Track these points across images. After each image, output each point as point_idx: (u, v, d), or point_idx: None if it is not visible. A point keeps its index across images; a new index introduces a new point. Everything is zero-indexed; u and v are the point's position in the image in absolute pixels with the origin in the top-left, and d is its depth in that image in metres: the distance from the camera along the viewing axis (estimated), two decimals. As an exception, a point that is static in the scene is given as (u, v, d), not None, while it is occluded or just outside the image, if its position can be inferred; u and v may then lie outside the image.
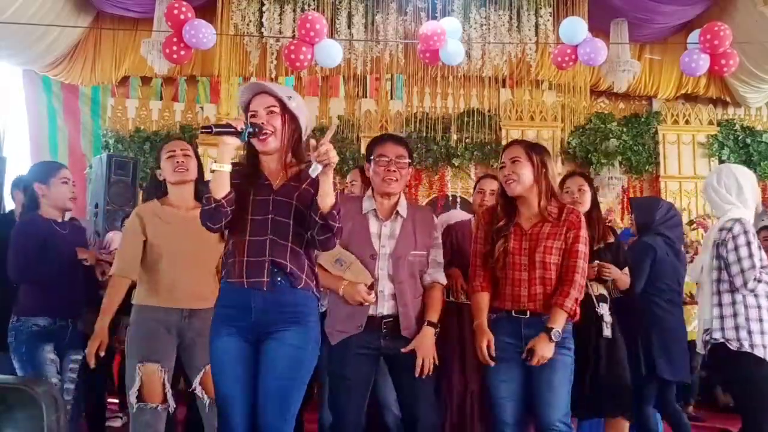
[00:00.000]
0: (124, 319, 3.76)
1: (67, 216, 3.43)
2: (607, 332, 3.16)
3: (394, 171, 2.62)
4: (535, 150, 2.69)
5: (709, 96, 8.77)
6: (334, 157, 2.07)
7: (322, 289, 2.46)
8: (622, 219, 7.67)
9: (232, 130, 2.12)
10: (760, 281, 2.76)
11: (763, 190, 8.58)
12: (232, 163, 2.19)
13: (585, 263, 2.63)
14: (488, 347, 2.57)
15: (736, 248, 2.80)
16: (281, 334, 2.19)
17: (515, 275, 2.61)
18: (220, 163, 2.13)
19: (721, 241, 2.86)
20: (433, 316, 2.63)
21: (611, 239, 3.42)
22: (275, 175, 2.29)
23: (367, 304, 2.56)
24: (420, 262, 2.68)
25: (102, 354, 2.77)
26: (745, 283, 2.77)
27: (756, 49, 7.14)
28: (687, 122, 8.53)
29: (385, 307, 2.60)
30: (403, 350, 2.56)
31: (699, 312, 2.98)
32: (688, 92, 8.69)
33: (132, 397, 2.69)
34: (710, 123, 8.55)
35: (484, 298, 2.67)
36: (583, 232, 2.64)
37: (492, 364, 2.57)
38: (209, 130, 2.14)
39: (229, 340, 2.21)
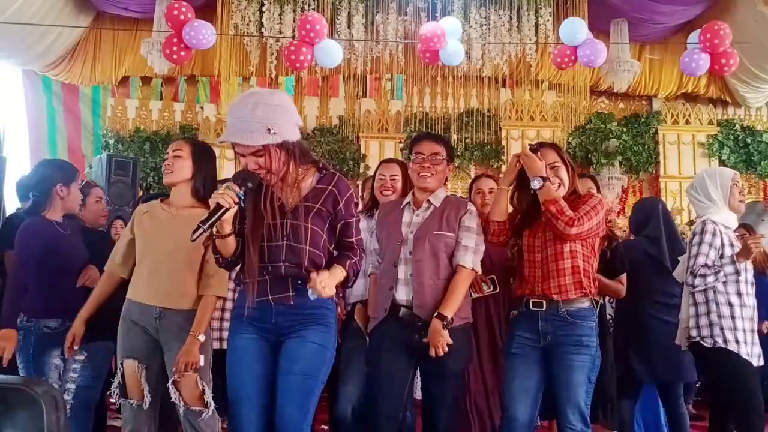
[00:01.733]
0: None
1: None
2: None
3: (429, 167, 2.75)
4: (562, 151, 2.78)
5: (709, 96, 8.77)
6: (329, 294, 2.18)
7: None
8: (618, 215, 7.68)
9: (227, 207, 2.04)
10: (695, 275, 2.85)
11: (763, 189, 8.60)
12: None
13: (597, 210, 2.58)
14: None
15: (689, 247, 2.95)
16: (303, 332, 2.22)
17: (530, 258, 2.66)
18: (222, 233, 2.13)
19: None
20: (446, 308, 2.58)
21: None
22: (287, 191, 2.24)
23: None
24: (445, 243, 2.68)
25: (76, 347, 2.83)
26: (685, 280, 2.92)
27: (756, 49, 7.14)
28: (687, 122, 8.53)
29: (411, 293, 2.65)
30: (424, 340, 2.55)
31: (681, 310, 3.07)
32: (688, 92, 8.70)
33: (113, 391, 2.71)
34: (710, 123, 8.55)
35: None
36: (594, 199, 2.63)
37: None
38: (202, 230, 2.02)
39: (249, 338, 2.24)
